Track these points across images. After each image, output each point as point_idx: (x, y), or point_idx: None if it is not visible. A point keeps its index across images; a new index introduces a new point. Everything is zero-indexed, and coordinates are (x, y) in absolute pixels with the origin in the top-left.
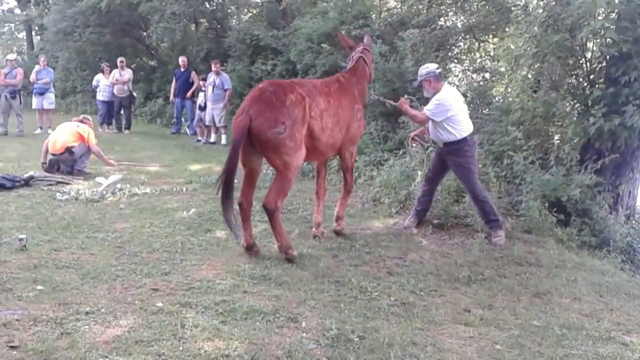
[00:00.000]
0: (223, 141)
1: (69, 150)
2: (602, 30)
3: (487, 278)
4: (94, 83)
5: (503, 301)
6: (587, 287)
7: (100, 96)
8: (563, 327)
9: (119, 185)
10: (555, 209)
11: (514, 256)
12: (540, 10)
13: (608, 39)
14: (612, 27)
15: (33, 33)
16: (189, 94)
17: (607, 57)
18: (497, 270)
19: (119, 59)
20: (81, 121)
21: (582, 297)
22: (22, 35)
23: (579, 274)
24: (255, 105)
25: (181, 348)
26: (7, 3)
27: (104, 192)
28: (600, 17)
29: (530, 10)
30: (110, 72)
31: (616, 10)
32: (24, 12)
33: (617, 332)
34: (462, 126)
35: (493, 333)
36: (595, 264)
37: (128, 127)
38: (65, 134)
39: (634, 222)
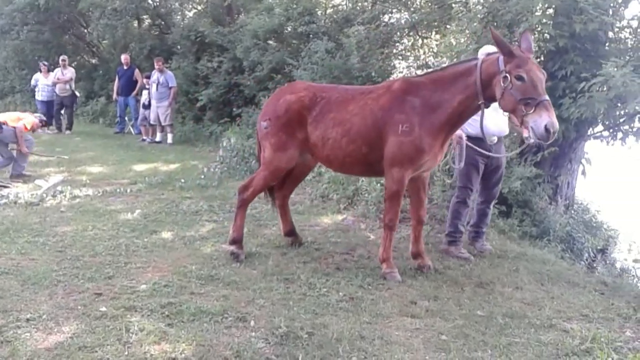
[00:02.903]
0: (169, 140)
1: None
2: (540, 26)
3: (432, 270)
4: (33, 82)
5: (448, 292)
6: (529, 276)
7: (39, 96)
8: (506, 316)
9: (59, 188)
10: (496, 201)
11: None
12: (480, 7)
13: (545, 34)
14: (549, 22)
15: None
16: (134, 92)
17: (545, 51)
18: (441, 262)
19: (61, 58)
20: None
21: (524, 286)
22: None
23: (520, 264)
24: (267, 101)
25: (126, 353)
26: None
27: (44, 195)
28: (537, 13)
29: (471, 6)
30: (48, 71)
31: (553, 6)
32: None
33: (558, 319)
34: None
35: (439, 324)
36: (536, 254)
37: (69, 128)
38: (4, 115)
39: (572, 212)
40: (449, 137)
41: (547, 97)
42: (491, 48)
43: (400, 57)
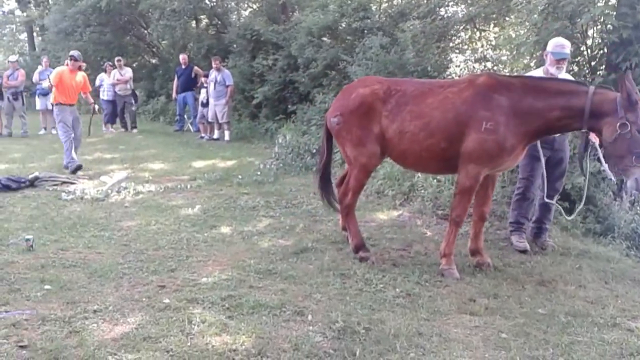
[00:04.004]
0: (226, 137)
1: None
2: (602, 17)
3: (492, 267)
4: (97, 82)
5: (508, 290)
6: (592, 274)
7: (105, 95)
8: (568, 315)
9: (123, 184)
10: (559, 197)
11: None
12: None
13: (608, 26)
14: (612, 13)
15: (34, 34)
16: (198, 83)
17: (608, 43)
18: (501, 259)
19: (117, 58)
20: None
21: (587, 284)
22: (24, 36)
23: (583, 261)
24: (337, 96)
25: (189, 344)
26: (8, 4)
27: (109, 191)
28: (600, 4)
29: None
30: (112, 71)
31: None
32: (25, 13)
33: (622, 318)
34: None
35: (498, 322)
36: (600, 251)
37: (134, 126)
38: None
39: (638, 208)
40: (532, 142)
41: None
42: (559, 40)
43: (457, 51)
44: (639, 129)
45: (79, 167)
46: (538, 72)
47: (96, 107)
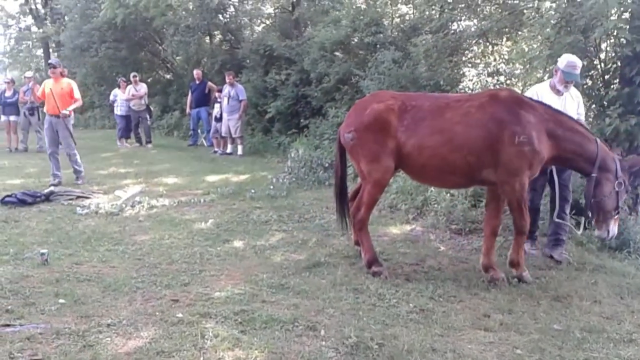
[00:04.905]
0: (239, 152)
1: None
2: (615, 31)
3: (506, 282)
4: (111, 98)
5: (523, 305)
6: (608, 290)
7: (118, 111)
8: (584, 330)
9: (138, 198)
10: (574, 212)
11: (533, 260)
12: (553, 12)
13: (622, 39)
14: (625, 27)
15: (50, 50)
16: (213, 98)
17: (621, 57)
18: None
19: (132, 74)
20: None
21: (603, 300)
22: (40, 52)
23: (599, 277)
24: (349, 111)
25: (202, 358)
26: (24, 21)
27: (124, 205)
28: (613, 18)
29: (543, 12)
30: (127, 86)
31: (629, 10)
32: (41, 30)
33: (638, 334)
34: None
35: (513, 338)
36: (615, 266)
37: (149, 141)
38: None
39: None
40: (546, 166)
41: None
42: (572, 59)
43: (469, 65)
44: (628, 189)
45: (53, 186)
46: (544, 86)
47: (65, 112)
